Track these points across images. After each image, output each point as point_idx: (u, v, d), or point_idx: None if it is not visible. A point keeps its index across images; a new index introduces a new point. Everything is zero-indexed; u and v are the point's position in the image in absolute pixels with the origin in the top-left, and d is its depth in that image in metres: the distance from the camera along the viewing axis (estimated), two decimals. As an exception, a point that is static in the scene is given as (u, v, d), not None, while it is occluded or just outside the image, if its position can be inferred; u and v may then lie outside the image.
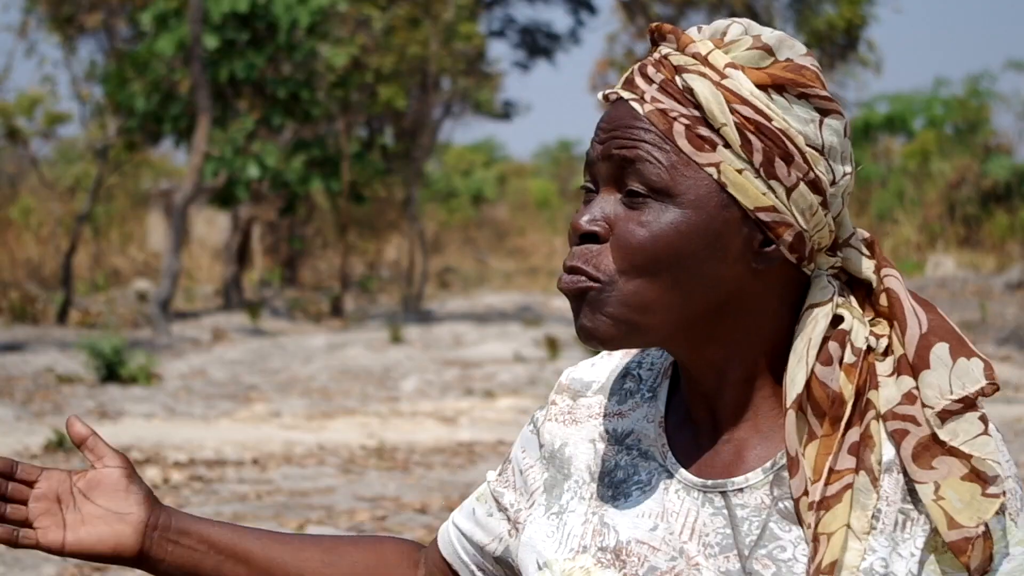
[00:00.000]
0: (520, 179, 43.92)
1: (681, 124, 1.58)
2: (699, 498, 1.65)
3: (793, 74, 1.60)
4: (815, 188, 1.60)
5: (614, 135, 1.61)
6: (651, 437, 1.71)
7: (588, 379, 1.80)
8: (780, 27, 29.29)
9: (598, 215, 1.61)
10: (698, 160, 1.58)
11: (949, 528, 1.56)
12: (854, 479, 1.58)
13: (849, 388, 1.60)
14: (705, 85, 1.58)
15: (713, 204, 1.58)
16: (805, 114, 1.59)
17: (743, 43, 1.61)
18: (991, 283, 25.14)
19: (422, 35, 25.90)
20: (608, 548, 1.68)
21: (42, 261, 25.79)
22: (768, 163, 1.58)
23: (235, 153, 22.71)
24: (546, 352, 16.52)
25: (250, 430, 11.07)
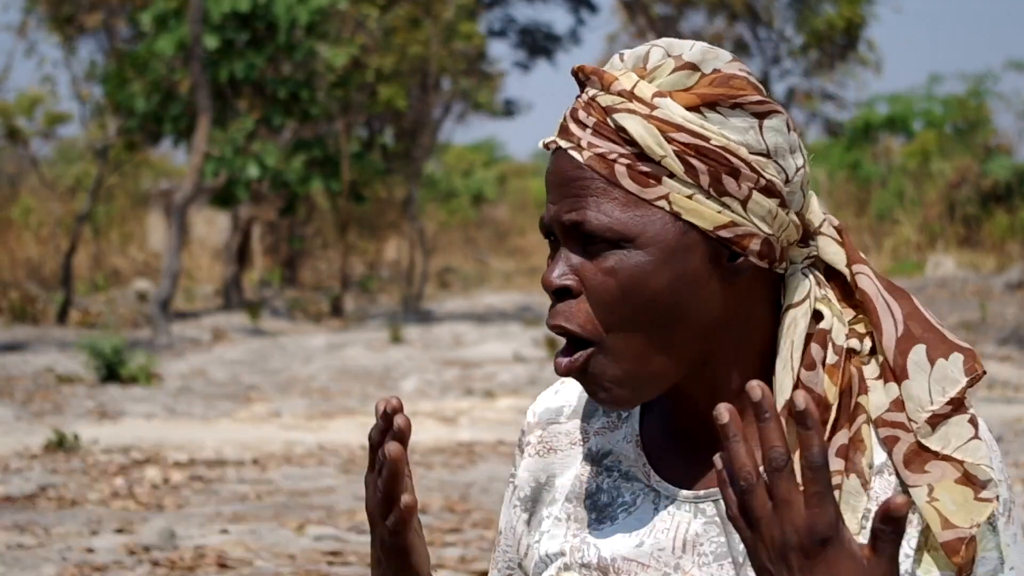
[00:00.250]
0: (520, 179, 43.92)
1: (622, 165, 1.58)
2: (691, 510, 1.65)
3: (722, 88, 1.59)
4: (769, 193, 1.60)
5: (563, 195, 1.61)
6: (631, 458, 1.71)
7: (556, 406, 1.80)
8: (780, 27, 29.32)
9: (566, 269, 1.61)
10: (646, 197, 1.58)
11: (943, 528, 1.57)
12: (843, 481, 1.59)
13: (833, 390, 1.61)
14: (636, 121, 1.58)
15: (672, 235, 1.58)
16: (742, 123, 1.59)
17: (666, 67, 1.60)
18: (991, 283, 25.14)
19: (422, 35, 25.90)
20: (591, 565, 1.68)
21: (42, 261, 25.79)
22: (716, 182, 1.58)
23: (235, 153, 22.72)
24: (546, 352, 16.52)
25: (250, 430, 11.07)
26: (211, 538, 7.06)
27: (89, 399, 12.72)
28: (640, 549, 1.65)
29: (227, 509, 7.88)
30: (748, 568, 1.61)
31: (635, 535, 1.66)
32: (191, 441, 10.33)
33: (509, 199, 42.19)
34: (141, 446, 10.03)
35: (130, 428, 11.00)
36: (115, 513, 7.73)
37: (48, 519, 7.52)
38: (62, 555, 6.60)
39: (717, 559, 1.63)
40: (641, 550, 1.65)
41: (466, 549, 6.97)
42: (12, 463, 9.20)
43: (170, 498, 8.20)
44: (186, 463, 9.40)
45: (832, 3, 28.85)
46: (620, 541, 1.67)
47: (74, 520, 7.49)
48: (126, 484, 8.58)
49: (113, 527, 7.30)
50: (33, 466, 9.11)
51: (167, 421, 11.57)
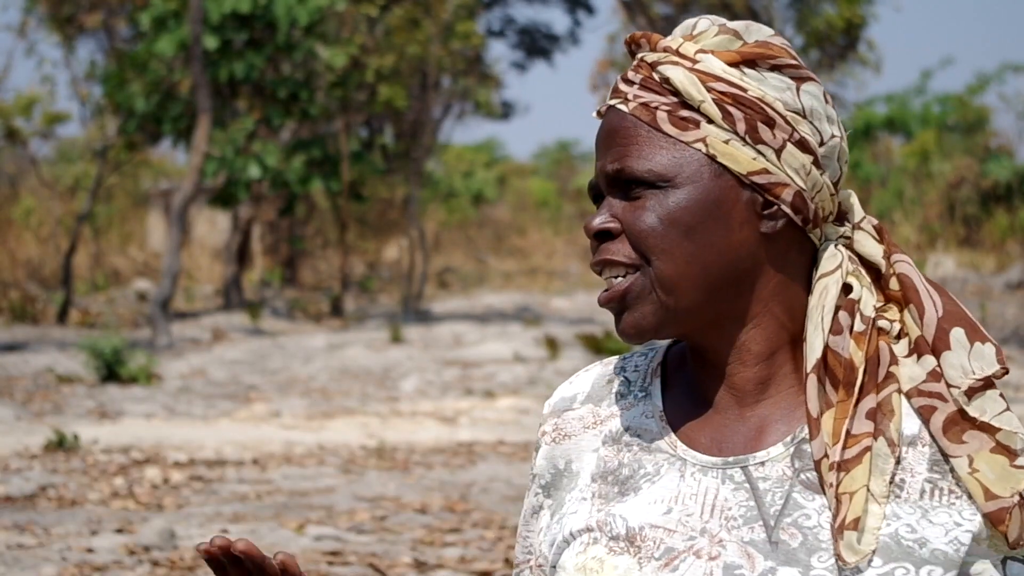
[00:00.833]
0: (520, 179, 43.92)
1: (663, 111, 1.67)
2: (718, 476, 1.69)
3: (762, 49, 1.68)
4: (803, 148, 1.67)
5: (607, 149, 1.70)
6: (653, 431, 1.74)
7: (570, 394, 1.84)
8: (780, 27, 29.31)
9: (607, 215, 1.70)
10: (684, 139, 1.66)
11: (986, 499, 1.63)
12: (872, 443, 1.64)
13: (859, 355, 1.67)
14: (678, 71, 1.67)
15: (707, 176, 1.66)
16: (780, 83, 1.68)
17: (710, 32, 1.70)
18: (991, 283, 25.14)
19: (422, 35, 25.89)
20: (620, 536, 1.70)
21: (42, 261, 25.79)
22: (752, 129, 1.66)
23: (235, 153, 22.71)
24: (546, 352, 16.52)
25: (250, 430, 11.07)
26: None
27: (89, 399, 12.72)
28: (668, 516, 1.68)
29: (227, 509, 7.88)
30: (780, 530, 1.64)
31: (662, 503, 1.70)
32: (191, 441, 10.32)
33: (509, 199, 42.19)
34: (141, 446, 10.03)
35: (130, 428, 11.00)
36: (115, 513, 7.73)
37: (48, 519, 7.52)
38: (62, 555, 6.60)
39: (747, 522, 1.66)
40: (668, 517, 1.68)
41: (466, 549, 6.97)
42: (12, 463, 9.20)
43: (170, 498, 8.20)
44: (186, 463, 9.39)
45: (832, 3, 28.84)
46: (646, 510, 1.70)
47: (74, 520, 7.49)
48: (126, 484, 8.58)
49: (113, 527, 7.30)
50: (33, 466, 9.11)
51: (167, 421, 11.57)
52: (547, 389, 13.63)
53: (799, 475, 1.66)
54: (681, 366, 1.77)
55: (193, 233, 31.39)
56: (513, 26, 34.62)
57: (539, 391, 13.64)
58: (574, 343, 17.03)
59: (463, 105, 30.12)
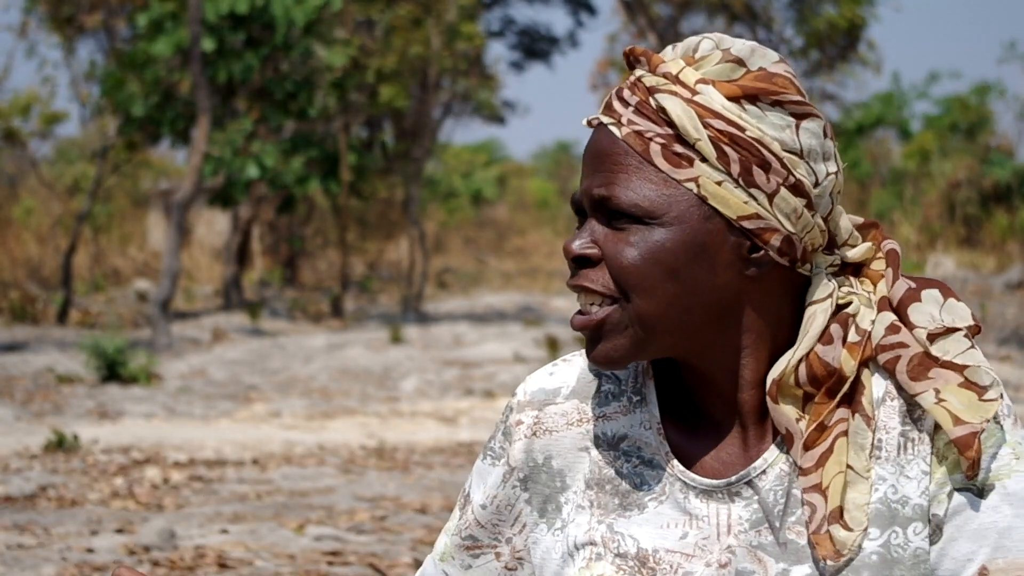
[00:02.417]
0: (520, 179, 43.92)
1: (657, 144, 1.62)
2: (725, 497, 1.68)
3: (764, 83, 1.63)
4: (797, 191, 1.63)
5: (596, 170, 1.66)
6: (652, 445, 1.72)
7: (552, 386, 1.80)
8: (779, 27, 29.29)
9: (588, 240, 1.65)
10: (676, 177, 1.62)
11: (955, 425, 1.61)
12: (847, 426, 1.63)
13: (851, 364, 1.65)
14: (676, 103, 1.62)
15: (695, 218, 1.62)
16: (780, 120, 1.62)
17: (713, 58, 1.64)
18: (991, 283, 25.13)
19: (423, 35, 25.89)
20: (628, 555, 1.69)
21: (42, 261, 25.79)
22: (746, 172, 1.61)
23: (234, 154, 22.71)
24: (546, 352, 16.52)
25: (250, 430, 11.07)
26: (211, 538, 7.06)
27: (89, 399, 12.72)
28: (685, 541, 1.68)
29: (227, 509, 7.88)
30: (786, 530, 1.65)
31: (676, 527, 1.68)
32: (191, 441, 10.32)
33: (509, 199, 42.19)
34: (141, 446, 10.03)
35: (130, 428, 11.00)
36: (115, 513, 7.73)
37: (48, 519, 7.52)
38: (62, 555, 6.60)
39: (754, 526, 1.66)
40: (686, 542, 1.68)
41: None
42: (12, 463, 9.20)
43: (170, 498, 8.20)
44: (186, 463, 9.39)
45: (833, 3, 28.83)
46: (660, 533, 1.69)
47: (74, 520, 7.49)
48: (126, 484, 8.58)
49: (113, 527, 7.30)
50: (33, 466, 9.11)
51: (167, 421, 11.57)
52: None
53: (795, 469, 1.66)
54: (673, 369, 1.74)
55: (193, 233, 31.39)
56: (513, 27, 34.62)
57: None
58: (574, 343, 17.04)
59: (463, 105, 30.12)
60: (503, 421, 1.82)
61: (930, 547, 1.63)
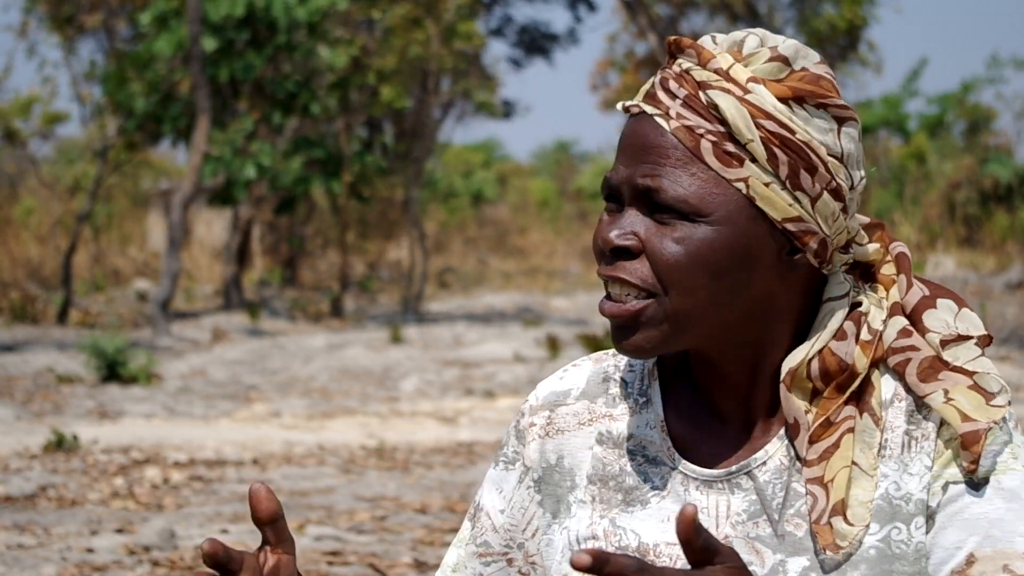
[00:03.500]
0: (519, 179, 43.90)
1: (708, 141, 1.61)
2: (725, 487, 1.69)
3: (812, 85, 1.63)
4: (837, 195, 1.65)
5: (640, 159, 1.63)
6: (656, 443, 1.74)
7: (563, 389, 1.81)
8: (780, 27, 29.28)
9: (628, 229, 1.64)
10: (726, 176, 1.61)
11: (963, 421, 1.62)
12: (854, 423, 1.65)
13: (863, 361, 1.67)
14: (730, 101, 1.61)
15: (743, 218, 1.62)
16: (824, 123, 1.63)
17: (761, 55, 1.64)
18: (991, 283, 25.13)
19: (423, 35, 25.89)
20: (629, 548, 1.71)
21: (42, 261, 25.78)
22: (794, 175, 1.61)
23: (234, 154, 22.71)
24: (546, 352, 16.52)
25: (250, 430, 11.07)
26: (211, 538, 7.05)
27: (89, 399, 12.72)
28: None
29: (227, 509, 7.87)
30: (784, 523, 1.66)
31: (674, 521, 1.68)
32: (191, 441, 10.32)
33: (509, 199, 42.17)
34: (141, 446, 10.03)
35: (130, 428, 11.00)
36: (115, 513, 7.73)
37: (48, 519, 7.52)
38: (62, 555, 6.59)
39: (752, 517, 1.67)
40: None
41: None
42: (12, 463, 9.20)
43: (170, 498, 8.20)
44: (186, 463, 9.39)
45: (833, 3, 28.83)
46: (660, 527, 1.70)
47: (74, 520, 7.48)
48: (126, 484, 8.58)
49: (113, 527, 7.30)
50: (33, 466, 9.11)
51: (167, 421, 11.57)
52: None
53: (795, 463, 1.67)
54: (682, 371, 1.76)
55: (193, 233, 31.39)
56: (512, 25, 34.62)
57: (539, 391, 13.63)
58: (574, 343, 17.03)
59: (463, 105, 30.11)
60: (515, 426, 1.83)
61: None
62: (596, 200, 40.05)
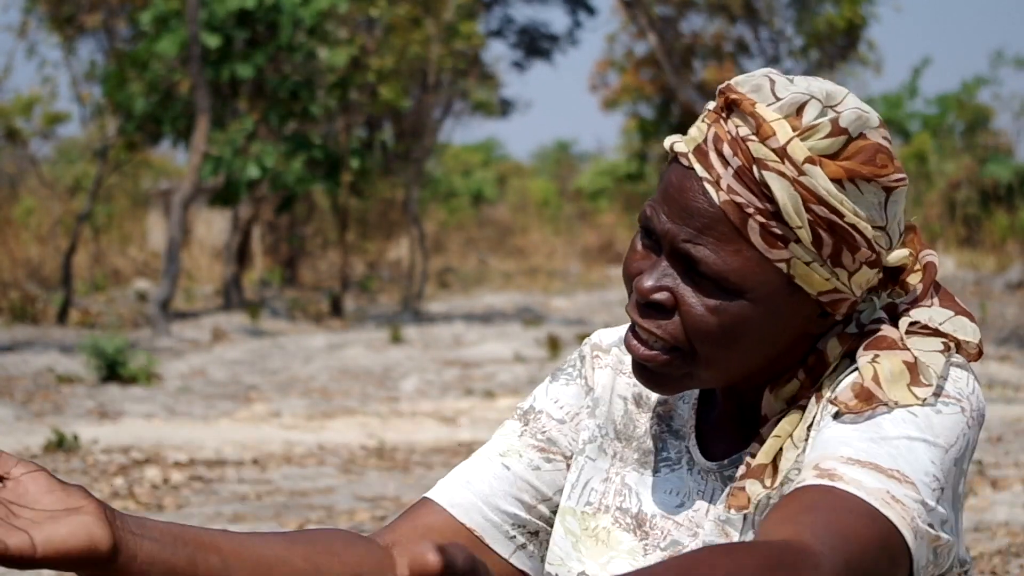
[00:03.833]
0: (519, 179, 43.90)
1: (756, 222, 1.60)
2: (718, 479, 1.74)
3: (868, 166, 1.61)
4: (874, 265, 1.65)
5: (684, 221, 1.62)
6: (683, 417, 1.79)
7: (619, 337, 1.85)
8: (780, 27, 29.26)
9: (662, 284, 1.64)
10: (770, 256, 1.61)
11: (872, 380, 1.59)
12: (807, 403, 1.67)
13: (837, 351, 1.70)
14: (783, 186, 1.59)
15: (782, 297, 1.63)
16: (873, 198, 1.62)
17: (822, 129, 1.60)
18: (991, 283, 25.13)
19: (422, 35, 25.88)
20: (629, 512, 1.76)
21: (42, 261, 25.78)
22: (836, 255, 1.62)
23: (234, 154, 22.70)
24: (546, 352, 16.52)
25: (250, 430, 11.07)
26: (211, 538, 7.05)
27: (89, 399, 12.72)
28: (679, 510, 1.74)
29: (227, 509, 7.88)
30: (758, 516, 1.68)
31: (676, 495, 1.75)
32: (191, 441, 10.32)
33: (509, 199, 42.17)
34: (141, 446, 10.03)
35: (130, 428, 11.00)
36: (115, 513, 7.73)
37: (48, 519, 7.51)
38: (62, 555, 6.59)
39: (723, 501, 1.72)
40: (679, 511, 1.74)
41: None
42: (12, 463, 9.19)
43: (170, 498, 8.20)
44: (186, 463, 9.40)
45: (833, 3, 28.83)
46: (661, 498, 1.75)
47: (74, 520, 7.48)
48: (126, 484, 8.58)
49: (113, 527, 7.29)
50: (33, 466, 9.10)
51: (167, 421, 11.57)
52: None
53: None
54: None
55: (193, 233, 31.39)
56: (512, 26, 34.62)
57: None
58: (574, 343, 17.03)
59: (463, 105, 30.11)
60: (580, 354, 1.85)
61: None
62: (596, 200, 40.05)
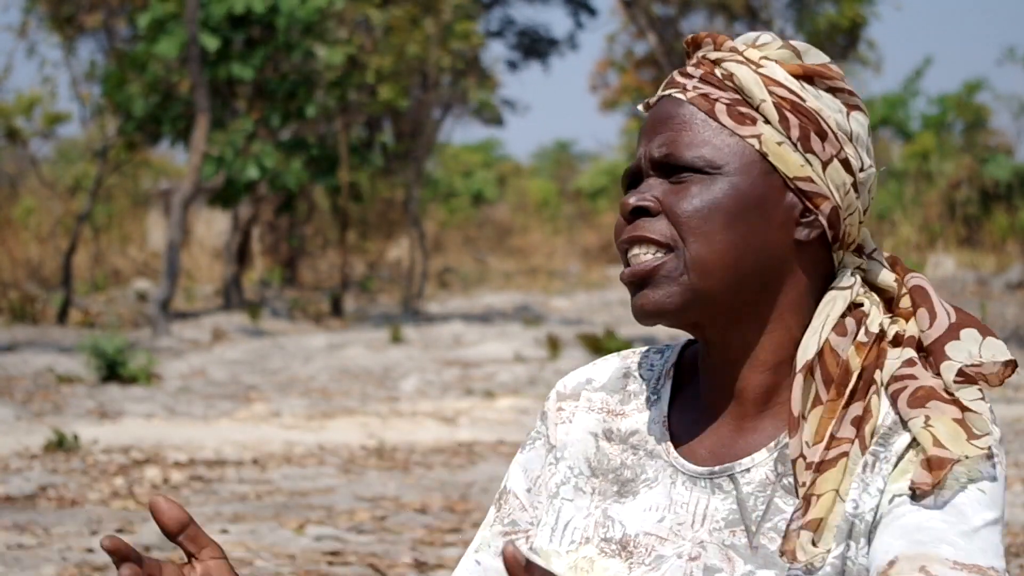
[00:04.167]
0: (519, 179, 43.91)
1: (723, 104, 1.71)
2: (707, 486, 1.73)
3: (822, 68, 1.74)
4: (846, 167, 1.72)
5: (657, 132, 1.73)
6: (656, 436, 1.79)
7: (586, 378, 1.88)
8: (780, 27, 29.27)
9: (647, 194, 1.72)
10: (740, 132, 1.70)
11: (934, 446, 1.63)
12: (851, 448, 1.67)
13: (856, 361, 1.70)
14: (744, 69, 1.71)
15: (757, 171, 1.70)
16: (833, 104, 1.73)
17: (774, 44, 1.75)
18: (991, 283, 25.13)
19: (421, 35, 25.89)
20: (613, 540, 1.75)
21: (42, 261, 25.78)
22: (804, 138, 1.70)
23: (234, 154, 22.71)
24: (546, 352, 16.52)
25: (250, 430, 11.07)
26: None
27: (89, 399, 12.72)
28: (661, 524, 1.73)
29: (227, 509, 7.88)
30: (761, 536, 1.69)
31: (656, 511, 1.74)
32: (191, 441, 10.33)
33: (509, 199, 42.18)
34: (141, 446, 10.03)
35: (130, 428, 11.00)
36: (115, 513, 7.73)
37: (48, 519, 7.52)
38: (62, 555, 6.60)
39: (729, 526, 1.70)
40: (662, 525, 1.73)
41: (466, 549, 6.96)
42: (12, 463, 9.20)
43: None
44: (186, 463, 9.40)
45: (833, 3, 28.83)
46: (642, 516, 1.75)
47: (74, 520, 7.49)
48: (126, 484, 8.58)
49: (113, 527, 7.30)
50: (33, 466, 9.11)
51: (167, 421, 11.57)
52: (547, 389, 13.62)
53: (781, 480, 1.70)
54: (694, 371, 1.81)
55: (193, 233, 31.39)
56: (512, 27, 34.62)
57: (539, 391, 13.64)
58: (574, 343, 17.03)
59: (463, 105, 30.10)
60: (543, 411, 1.89)
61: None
62: (596, 200, 40.05)
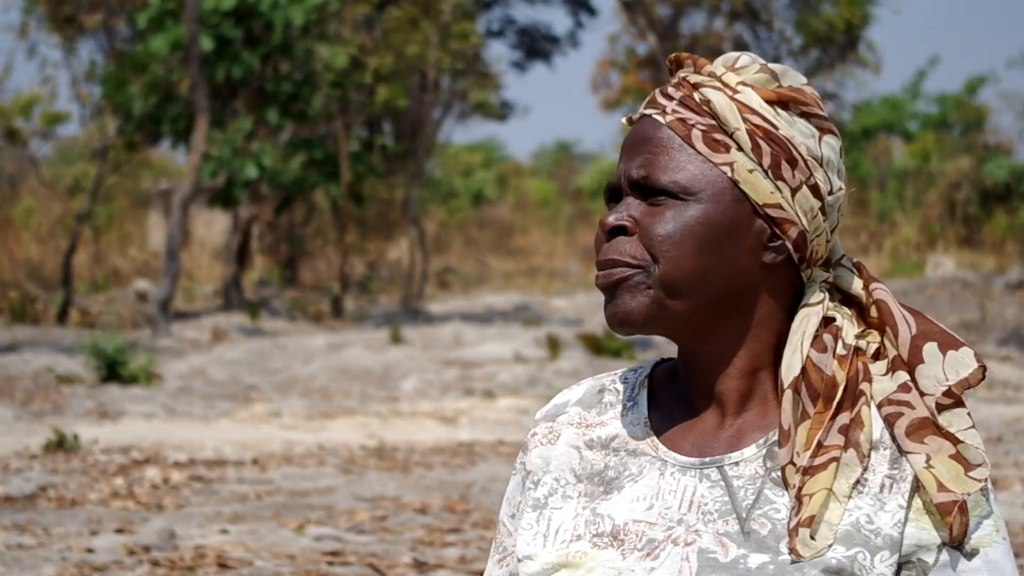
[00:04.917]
0: (519, 179, 43.90)
1: (699, 130, 1.79)
2: (696, 475, 1.82)
3: (796, 94, 1.81)
4: (815, 193, 1.80)
5: (636, 153, 1.82)
6: (638, 436, 1.88)
7: (563, 401, 1.98)
8: (779, 27, 29.29)
9: (624, 214, 1.81)
10: (714, 160, 1.78)
11: (938, 491, 1.76)
12: (841, 454, 1.78)
13: (841, 374, 1.80)
14: (720, 96, 1.79)
15: (728, 198, 1.78)
16: (806, 129, 1.81)
17: (752, 68, 1.82)
18: (991, 283, 25.14)
19: (420, 35, 25.89)
20: (604, 533, 1.83)
21: (42, 261, 25.79)
22: (775, 166, 1.78)
23: (234, 154, 22.70)
24: (546, 352, 16.52)
25: (250, 430, 11.07)
26: (211, 538, 7.06)
27: (89, 399, 12.72)
28: (650, 511, 1.82)
29: (227, 509, 7.88)
30: (751, 521, 1.79)
31: (644, 500, 1.83)
32: (191, 441, 10.33)
33: (509, 199, 42.17)
34: (141, 446, 10.03)
35: (130, 428, 11.01)
36: (115, 513, 7.74)
37: (48, 519, 7.52)
38: (62, 555, 6.60)
39: (722, 516, 1.80)
40: (650, 512, 1.82)
41: (466, 549, 6.97)
42: (12, 463, 9.20)
43: (170, 498, 8.20)
44: (186, 463, 9.40)
45: (832, 3, 28.83)
46: (630, 507, 1.84)
47: (74, 520, 7.49)
48: (126, 484, 8.58)
49: (113, 527, 7.30)
50: (33, 466, 9.11)
51: (167, 421, 11.57)
52: (547, 389, 13.63)
53: (770, 474, 1.80)
54: (669, 382, 1.91)
55: (193, 233, 31.38)
56: (513, 26, 34.62)
57: (539, 391, 13.64)
58: (574, 343, 17.04)
59: (463, 105, 30.11)
60: (524, 442, 1.99)
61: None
62: (596, 200, 40.06)
